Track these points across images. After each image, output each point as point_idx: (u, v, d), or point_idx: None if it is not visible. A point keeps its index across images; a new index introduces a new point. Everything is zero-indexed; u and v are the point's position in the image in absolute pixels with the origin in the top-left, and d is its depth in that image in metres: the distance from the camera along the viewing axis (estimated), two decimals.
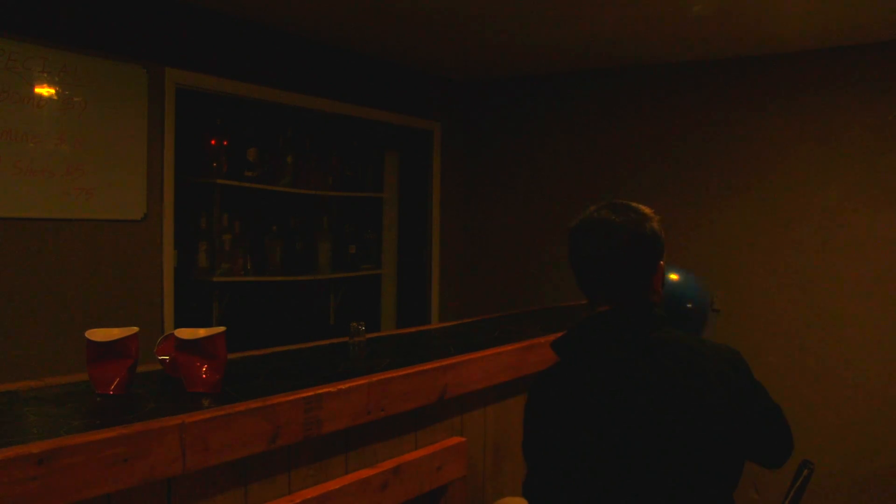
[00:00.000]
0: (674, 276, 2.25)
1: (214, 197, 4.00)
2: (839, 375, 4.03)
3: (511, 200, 5.08)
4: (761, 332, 4.23)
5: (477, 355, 2.09)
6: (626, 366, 1.47)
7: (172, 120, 3.38)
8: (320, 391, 1.58)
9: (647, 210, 1.58)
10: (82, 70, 3.03)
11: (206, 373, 1.54)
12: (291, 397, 1.52)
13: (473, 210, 5.24)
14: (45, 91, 2.92)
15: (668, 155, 4.51)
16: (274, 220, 4.32)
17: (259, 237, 4.21)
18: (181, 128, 3.43)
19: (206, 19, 3.54)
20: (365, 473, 1.73)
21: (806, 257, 4.13)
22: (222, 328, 1.56)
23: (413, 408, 1.86)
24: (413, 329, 2.81)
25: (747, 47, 4.09)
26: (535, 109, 5.00)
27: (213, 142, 3.84)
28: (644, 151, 4.59)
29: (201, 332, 1.55)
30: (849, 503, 3.98)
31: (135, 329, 1.54)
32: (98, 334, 1.51)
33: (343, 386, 1.64)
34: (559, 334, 1.61)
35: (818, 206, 4.10)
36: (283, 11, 3.59)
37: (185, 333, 1.55)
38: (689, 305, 2.30)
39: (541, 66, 4.72)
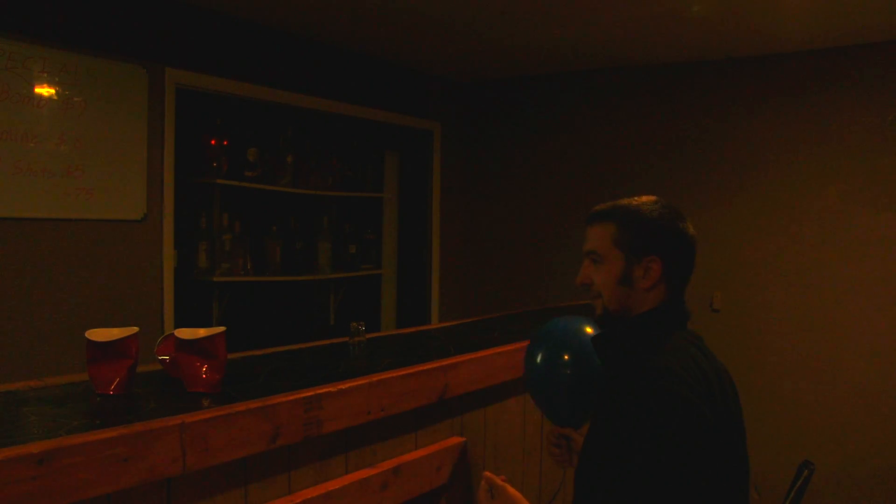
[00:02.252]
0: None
1: (214, 197, 4.00)
2: (839, 375, 4.03)
3: (511, 200, 5.08)
4: (761, 332, 4.23)
5: (477, 355, 2.09)
6: (710, 361, 1.46)
7: (172, 120, 3.38)
8: (320, 391, 1.58)
9: None
10: (82, 70, 3.03)
11: (206, 373, 1.54)
12: (291, 397, 1.52)
13: (473, 210, 5.24)
14: (45, 91, 2.92)
15: (667, 155, 4.51)
16: (274, 220, 4.32)
17: (259, 237, 4.21)
18: (181, 128, 3.43)
19: (206, 19, 3.54)
20: (365, 473, 1.73)
21: (806, 257, 4.13)
22: (222, 328, 1.56)
23: (413, 408, 1.85)
24: (413, 329, 2.81)
25: (747, 47, 4.09)
26: (535, 109, 5.00)
27: (213, 142, 3.84)
28: (644, 151, 4.59)
29: (201, 332, 1.55)
30: (849, 503, 3.98)
31: (135, 329, 1.54)
32: (98, 334, 1.51)
33: (343, 386, 1.64)
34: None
35: (818, 206, 4.10)
36: (283, 11, 3.59)
37: (185, 333, 1.55)
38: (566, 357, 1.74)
39: (541, 66, 4.72)
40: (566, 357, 1.71)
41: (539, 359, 1.75)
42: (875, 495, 3.92)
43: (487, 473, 1.63)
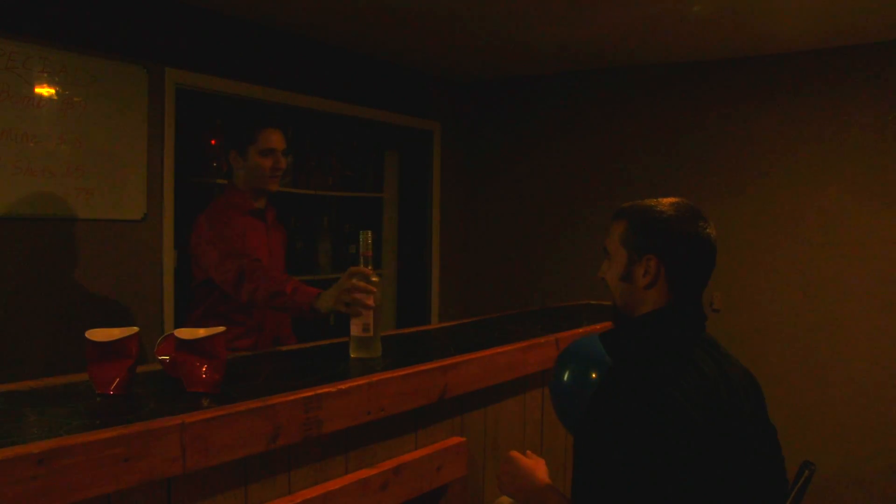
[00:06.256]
0: None
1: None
2: (839, 375, 4.03)
3: (511, 200, 5.08)
4: (761, 332, 4.23)
5: (477, 355, 2.08)
6: (720, 366, 1.46)
7: (172, 120, 3.38)
8: (320, 391, 1.57)
9: None
10: (82, 70, 3.03)
11: (206, 373, 1.53)
12: (291, 397, 1.52)
13: (473, 210, 5.24)
14: (45, 91, 2.92)
15: (667, 155, 4.51)
16: None
17: None
18: (181, 128, 3.43)
19: (206, 19, 3.54)
20: (365, 473, 1.72)
21: (806, 257, 4.13)
22: (222, 328, 1.56)
23: (413, 408, 1.85)
24: (413, 329, 2.81)
25: (747, 47, 4.09)
26: (535, 109, 5.00)
27: (213, 142, 3.84)
28: (643, 151, 4.59)
29: (201, 332, 1.54)
30: (849, 503, 3.98)
31: (135, 329, 1.54)
32: (98, 334, 1.51)
33: (343, 386, 1.63)
34: (597, 329, 1.58)
35: (818, 206, 4.10)
36: (283, 11, 3.59)
37: (185, 333, 1.55)
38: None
39: (541, 66, 4.72)
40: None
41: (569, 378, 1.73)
42: (875, 495, 3.92)
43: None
